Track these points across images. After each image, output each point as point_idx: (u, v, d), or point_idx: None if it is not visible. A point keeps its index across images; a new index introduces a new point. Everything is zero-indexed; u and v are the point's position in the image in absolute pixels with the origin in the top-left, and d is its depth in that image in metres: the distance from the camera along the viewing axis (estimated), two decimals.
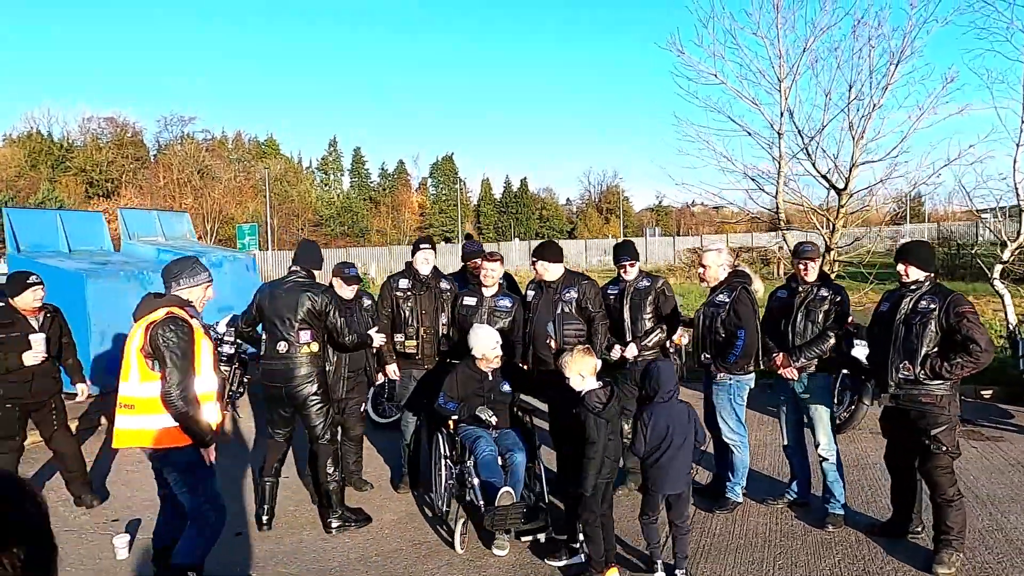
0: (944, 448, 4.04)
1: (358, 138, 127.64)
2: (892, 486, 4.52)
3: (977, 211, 11.43)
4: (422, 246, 5.52)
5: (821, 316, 4.83)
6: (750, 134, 9.99)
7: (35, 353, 5.03)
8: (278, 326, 4.90)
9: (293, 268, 5.06)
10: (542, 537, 4.25)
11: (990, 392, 8.08)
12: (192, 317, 3.75)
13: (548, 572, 4.12)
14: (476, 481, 4.25)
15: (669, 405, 3.95)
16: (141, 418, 3.59)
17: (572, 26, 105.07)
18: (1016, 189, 8.91)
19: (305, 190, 59.18)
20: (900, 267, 4.26)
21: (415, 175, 73.37)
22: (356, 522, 4.80)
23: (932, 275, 4.26)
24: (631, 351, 5.17)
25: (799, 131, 9.52)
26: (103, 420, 7.76)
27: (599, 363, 4.46)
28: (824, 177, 9.60)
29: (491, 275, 5.36)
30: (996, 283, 8.93)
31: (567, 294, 5.27)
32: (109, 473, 6.15)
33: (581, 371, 4.01)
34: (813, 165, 9.57)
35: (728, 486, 5.03)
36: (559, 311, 5.23)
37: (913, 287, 4.21)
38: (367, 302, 5.77)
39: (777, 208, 9.84)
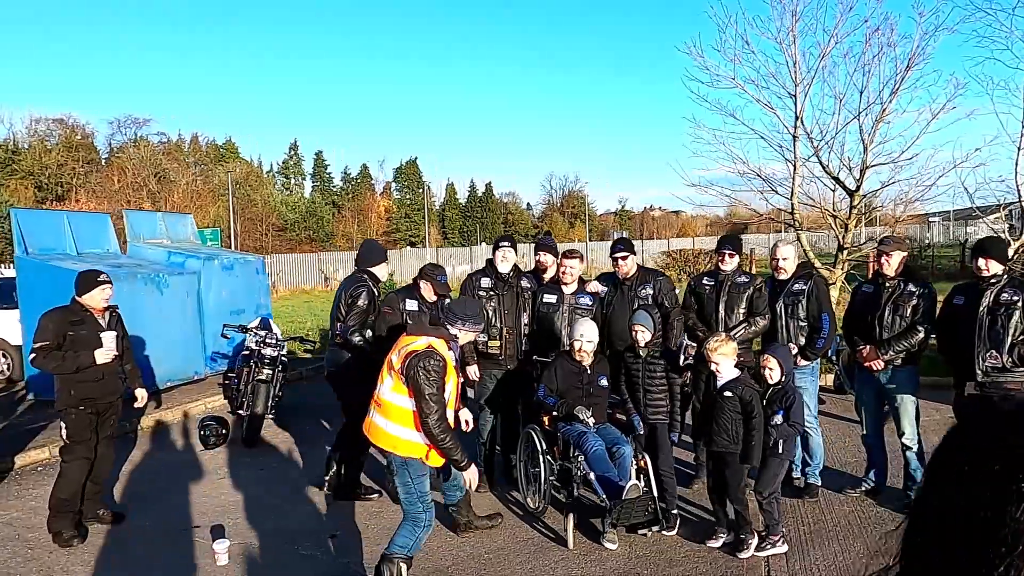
0: None
1: (320, 142, 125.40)
2: None
3: (927, 215, 12.00)
4: (502, 244, 5.50)
5: (909, 311, 4.94)
6: (763, 137, 10.31)
7: (106, 351, 4.87)
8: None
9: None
10: (656, 529, 4.32)
11: None
12: (450, 350, 3.98)
13: (663, 562, 4.19)
14: (592, 476, 4.29)
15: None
16: (392, 425, 3.86)
17: (532, 32, 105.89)
18: (1019, 191, 9.40)
19: (268, 194, 57.98)
20: (980, 262, 4.47)
21: (380, 179, 72.74)
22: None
23: (1007, 268, 4.49)
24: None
25: (809, 135, 9.86)
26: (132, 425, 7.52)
27: None
28: (836, 179, 9.95)
29: (570, 272, 5.43)
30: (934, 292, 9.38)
31: (643, 290, 5.36)
32: (154, 481, 5.97)
33: (728, 355, 4.27)
34: (825, 168, 9.92)
35: (808, 471, 5.19)
36: (635, 308, 5.32)
37: (992, 280, 4.44)
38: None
39: (792, 209, 10.14)
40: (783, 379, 4.33)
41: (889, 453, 5.20)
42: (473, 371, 5.42)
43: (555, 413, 4.75)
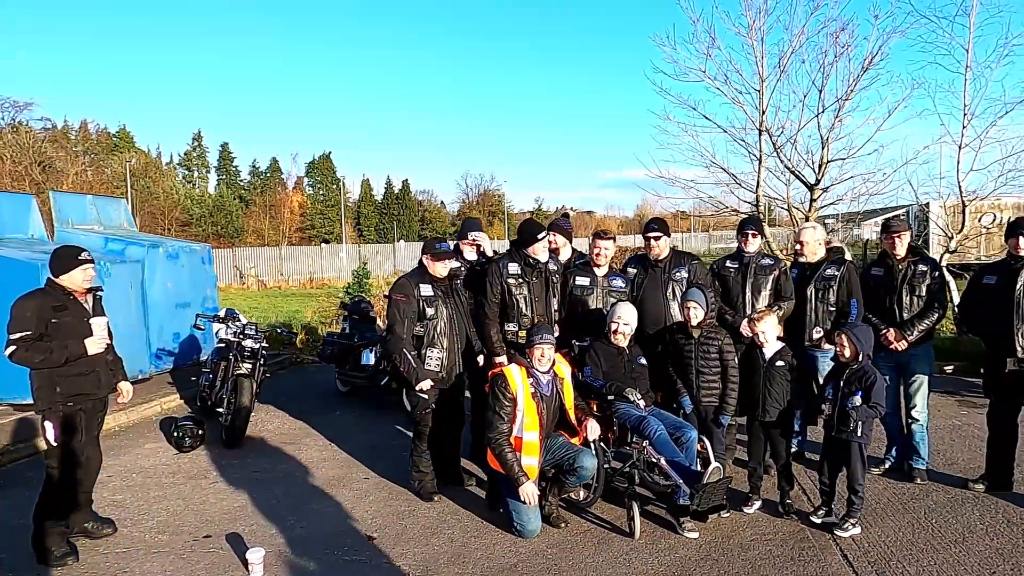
0: None
1: (225, 133, 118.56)
2: (992, 442, 4.91)
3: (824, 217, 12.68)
4: (540, 236, 5.15)
5: (924, 290, 5.12)
6: (725, 131, 10.54)
7: (99, 339, 4.24)
8: None
9: None
10: (724, 514, 4.20)
11: (951, 367, 9.05)
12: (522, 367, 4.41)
13: (735, 547, 4.07)
14: (663, 461, 4.11)
15: None
16: None
17: (450, 29, 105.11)
18: (959, 187, 10.08)
19: (170, 187, 54.31)
20: (1016, 241, 4.64)
21: (292, 174, 69.82)
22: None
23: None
24: (747, 328, 5.22)
25: (768, 131, 10.15)
26: None
27: None
28: (796, 174, 10.30)
29: (604, 254, 5.24)
30: (943, 271, 10.03)
31: (677, 274, 5.24)
32: (135, 489, 5.30)
33: (773, 326, 4.40)
34: (786, 162, 10.25)
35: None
36: (670, 291, 5.20)
37: None
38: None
39: (757, 201, 10.42)
40: (860, 359, 4.27)
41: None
42: (503, 362, 5.10)
43: (607, 395, 4.53)
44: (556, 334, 5.18)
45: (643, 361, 4.82)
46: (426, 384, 4.78)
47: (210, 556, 4.12)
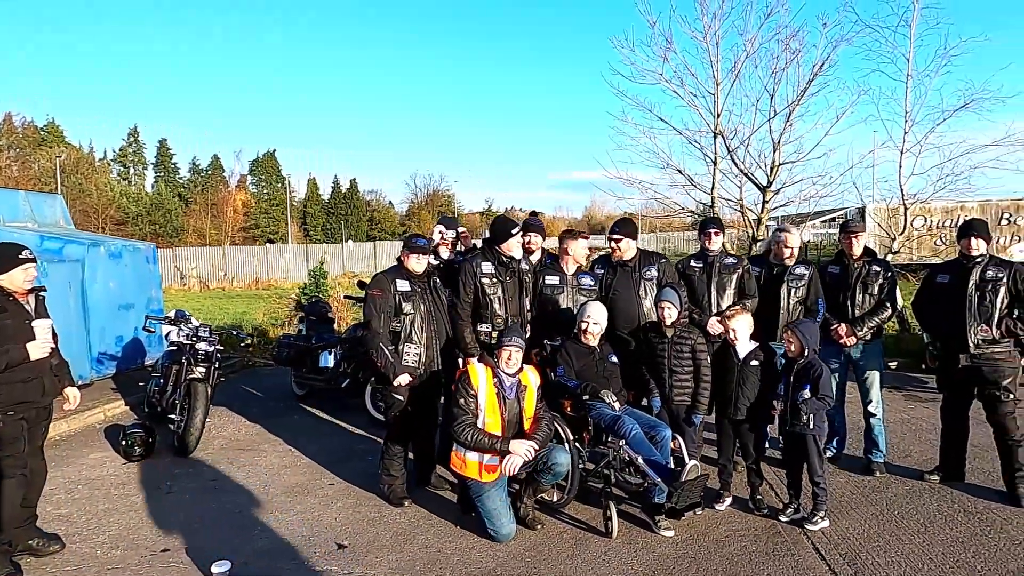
0: (1011, 395, 4.68)
1: (163, 129, 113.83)
2: (946, 434, 5.10)
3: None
4: (514, 231, 5.11)
5: (876, 289, 5.34)
6: (681, 133, 10.72)
7: (42, 343, 3.98)
8: None
9: None
10: (698, 511, 4.23)
11: (895, 363, 9.42)
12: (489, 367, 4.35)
13: (711, 543, 4.10)
14: (640, 460, 4.10)
15: None
16: None
17: (396, 28, 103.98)
18: (901, 190, 10.51)
19: (105, 184, 51.94)
20: (968, 242, 4.83)
21: (234, 172, 67.70)
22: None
23: (989, 247, 4.91)
24: (714, 326, 5.29)
25: (722, 134, 10.38)
26: None
27: None
28: (749, 176, 10.55)
29: (576, 257, 5.24)
30: (894, 271, 10.46)
31: (647, 272, 5.27)
32: (81, 501, 5.00)
33: (745, 324, 4.48)
34: (739, 165, 10.49)
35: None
36: (642, 290, 5.23)
37: (978, 259, 4.82)
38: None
39: (713, 203, 10.61)
40: (806, 354, 4.39)
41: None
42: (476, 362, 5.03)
43: (582, 396, 4.50)
44: (527, 335, 5.15)
45: (614, 359, 4.82)
46: (404, 378, 4.68)
47: (170, 571, 3.90)
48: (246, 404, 7.85)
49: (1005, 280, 4.70)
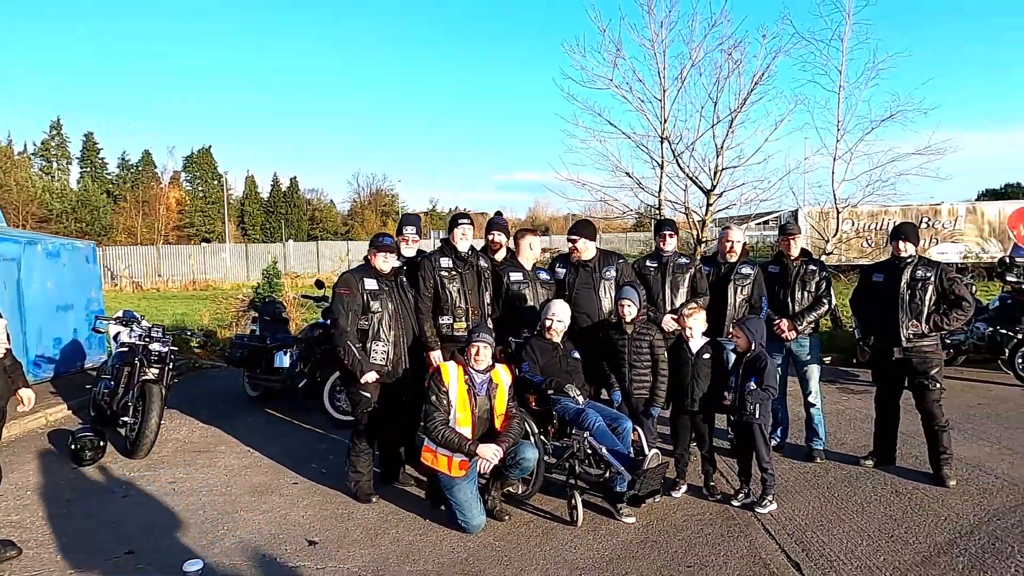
0: (938, 384, 5.11)
1: (89, 122, 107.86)
2: (879, 422, 5.50)
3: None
4: (461, 221, 5.29)
5: (813, 287, 5.72)
6: (629, 137, 11.07)
7: None
8: None
9: None
10: (656, 499, 4.45)
11: (829, 358, 9.98)
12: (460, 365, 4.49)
13: (670, 528, 4.33)
14: (604, 451, 4.29)
15: None
16: None
17: (338, 24, 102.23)
18: (834, 195, 11.14)
19: (26, 179, 49.15)
20: (900, 244, 5.24)
21: (168, 168, 65.11)
22: None
23: (917, 248, 5.33)
24: (668, 323, 5.54)
25: (668, 139, 10.78)
26: None
27: None
28: (693, 180, 10.98)
29: (535, 250, 5.42)
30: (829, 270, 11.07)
31: (607, 272, 5.49)
32: (33, 507, 4.85)
33: (701, 322, 4.74)
34: (684, 169, 10.90)
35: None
36: (602, 289, 5.44)
37: (908, 260, 5.23)
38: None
39: (660, 205, 10.99)
40: (753, 348, 4.68)
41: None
42: (437, 356, 5.13)
43: (547, 391, 4.67)
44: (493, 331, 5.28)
45: (577, 355, 5.01)
46: (371, 376, 4.74)
47: (137, 573, 3.85)
48: (197, 407, 7.69)
49: (933, 279, 5.12)
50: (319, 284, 7.70)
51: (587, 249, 5.50)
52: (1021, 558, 3.81)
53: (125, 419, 5.95)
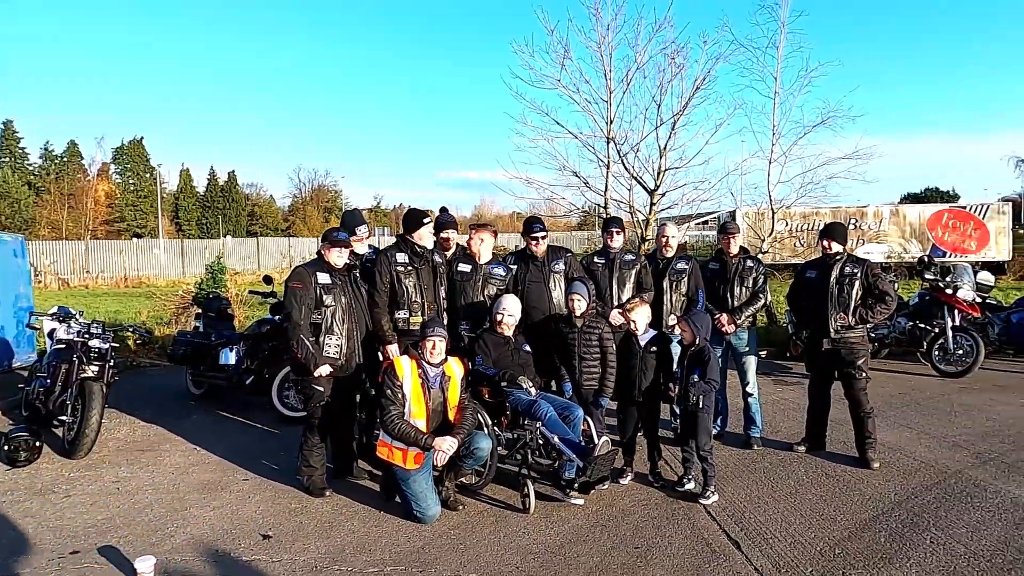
0: (864, 374, 5.47)
1: (8, 109, 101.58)
2: (811, 410, 5.84)
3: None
4: (425, 220, 5.31)
5: (751, 282, 6.02)
6: (576, 137, 11.29)
7: None
8: None
9: None
10: (606, 486, 4.62)
11: (764, 352, 10.46)
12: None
13: (618, 513, 4.51)
14: (556, 440, 4.43)
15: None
16: None
17: (276, 17, 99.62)
18: (769, 196, 11.65)
19: None
20: (825, 242, 5.59)
21: (96, 160, 62.19)
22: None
23: (845, 247, 5.68)
24: (616, 317, 5.73)
25: (614, 140, 11.06)
26: None
27: None
28: (638, 180, 11.29)
29: (486, 244, 5.53)
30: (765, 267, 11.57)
31: (556, 266, 5.66)
32: None
33: (645, 315, 4.93)
34: (629, 169, 11.20)
35: (676, 423, 5.96)
36: (552, 282, 5.60)
37: (837, 257, 5.58)
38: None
39: (606, 204, 11.25)
40: (698, 342, 4.91)
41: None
42: (394, 350, 5.18)
43: (500, 383, 4.79)
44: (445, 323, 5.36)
45: (528, 349, 5.15)
46: (324, 369, 4.75)
47: (85, 573, 3.77)
48: (137, 405, 7.48)
49: (859, 275, 5.48)
50: (267, 280, 7.60)
51: (543, 244, 5.65)
52: (935, 531, 4.15)
53: (63, 418, 5.76)
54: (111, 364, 6.04)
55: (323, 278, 4.93)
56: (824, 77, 11.80)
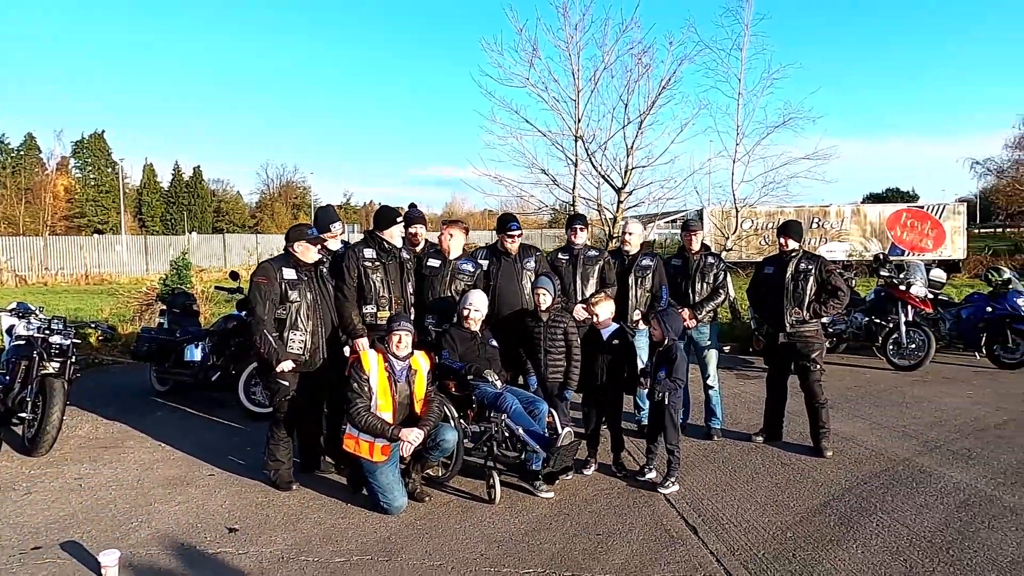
0: (819, 366, 5.68)
1: None
2: (769, 402, 6.04)
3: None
4: (398, 219, 5.36)
5: (712, 278, 6.20)
6: (545, 135, 11.41)
7: None
8: None
9: None
10: (570, 476, 4.73)
11: (728, 347, 10.72)
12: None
13: (581, 502, 4.63)
14: (520, 432, 4.53)
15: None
16: None
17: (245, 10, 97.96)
18: (733, 194, 11.92)
19: None
20: (782, 240, 5.79)
21: (55, 153, 60.47)
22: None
23: (801, 244, 5.88)
24: (579, 312, 5.84)
25: (582, 138, 11.21)
26: None
27: None
28: (605, 178, 11.46)
29: (456, 240, 5.61)
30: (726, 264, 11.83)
31: (528, 263, 5.76)
32: None
33: (609, 308, 5.11)
34: (597, 167, 11.36)
35: (640, 416, 6.12)
36: (524, 279, 5.70)
37: (793, 254, 5.77)
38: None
39: (574, 202, 11.39)
40: (667, 341, 5.03)
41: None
42: (364, 343, 5.22)
43: (467, 376, 4.86)
44: (412, 318, 5.43)
45: (494, 343, 5.24)
46: (287, 365, 4.78)
47: (48, 567, 3.75)
48: (99, 402, 7.39)
49: (813, 271, 5.68)
50: (234, 276, 7.55)
51: (517, 242, 5.75)
52: (882, 515, 4.35)
53: (23, 415, 5.68)
54: (73, 361, 5.97)
55: (289, 274, 4.95)
56: (786, 79, 12.13)
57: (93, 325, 7.47)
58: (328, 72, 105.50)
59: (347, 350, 5.24)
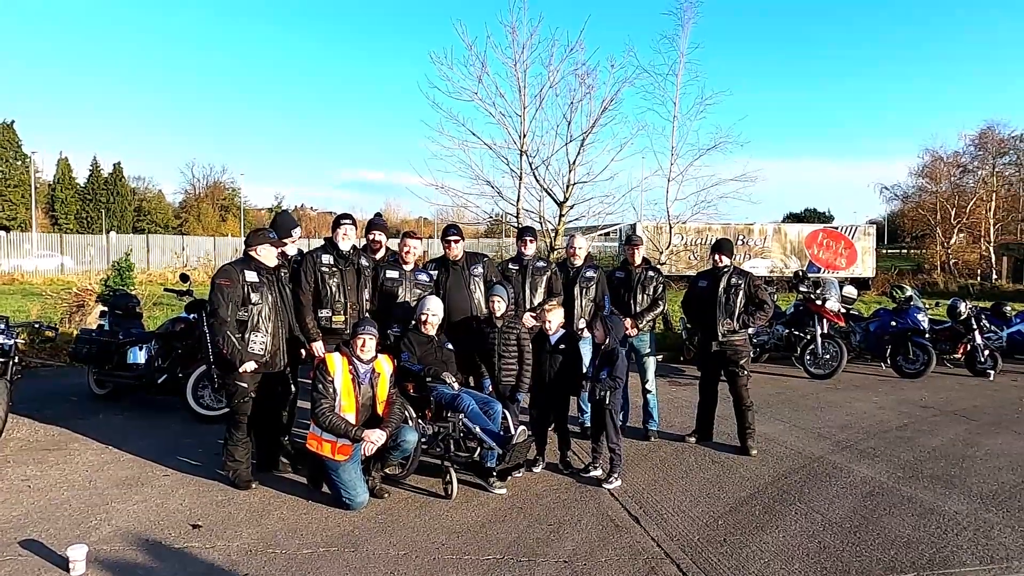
0: (746, 372, 6.22)
1: None
2: (701, 405, 6.55)
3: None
4: (343, 221, 5.59)
5: (651, 290, 6.66)
6: (491, 148, 11.78)
7: None
8: None
9: None
10: (520, 473, 5.03)
11: (661, 356, 11.31)
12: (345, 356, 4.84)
13: (532, 496, 4.94)
14: (477, 430, 4.80)
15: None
16: None
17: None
18: (668, 212, 12.59)
19: None
20: (716, 256, 6.31)
21: None
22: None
23: (732, 261, 6.43)
24: (528, 319, 6.18)
25: (526, 153, 11.64)
26: None
27: None
28: (548, 192, 11.91)
29: (412, 252, 5.83)
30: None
31: (475, 270, 6.06)
32: None
33: (559, 316, 5.49)
34: (540, 181, 11.80)
35: (583, 418, 6.51)
36: (472, 286, 5.99)
37: (725, 269, 6.31)
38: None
39: (518, 213, 11.77)
40: (609, 343, 5.43)
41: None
42: (319, 347, 5.39)
43: (425, 378, 5.11)
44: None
45: (450, 347, 5.51)
46: (250, 366, 4.89)
47: (10, 564, 3.76)
48: (35, 406, 7.18)
49: (743, 286, 6.23)
50: (184, 278, 7.51)
51: (461, 250, 6.03)
52: (800, 504, 4.87)
53: None
54: (16, 361, 5.85)
55: (251, 276, 5.07)
56: (717, 105, 12.98)
57: (38, 325, 7.25)
58: (259, 70, 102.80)
59: (305, 351, 5.40)
